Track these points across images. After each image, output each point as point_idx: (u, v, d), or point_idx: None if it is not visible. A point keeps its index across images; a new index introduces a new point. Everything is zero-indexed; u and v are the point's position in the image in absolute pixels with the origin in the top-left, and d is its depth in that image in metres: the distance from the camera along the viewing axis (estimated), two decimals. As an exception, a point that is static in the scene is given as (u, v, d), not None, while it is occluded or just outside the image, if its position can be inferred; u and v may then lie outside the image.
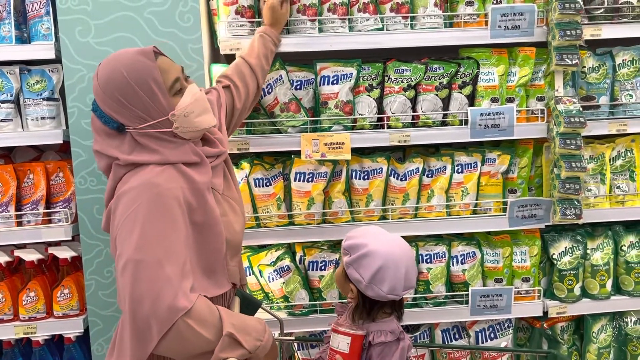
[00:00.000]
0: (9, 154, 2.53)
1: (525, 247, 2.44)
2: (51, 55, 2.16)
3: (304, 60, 2.35)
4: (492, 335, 2.46)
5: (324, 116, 2.27)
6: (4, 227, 2.23)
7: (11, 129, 2.23)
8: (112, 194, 1.48)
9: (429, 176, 2.38)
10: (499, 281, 2.40)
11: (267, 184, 2.28)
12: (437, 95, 2.31)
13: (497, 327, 2.46)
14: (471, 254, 2.39)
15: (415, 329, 2.47)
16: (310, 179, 2.28)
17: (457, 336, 2.47)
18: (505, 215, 2.35)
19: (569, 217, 2.30)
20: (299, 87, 2.31)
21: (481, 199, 2.40)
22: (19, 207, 2.28)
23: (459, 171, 2.38)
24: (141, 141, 1.47)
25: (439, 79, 2.30)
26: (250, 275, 2.35)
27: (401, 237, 1.61)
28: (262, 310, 1.76)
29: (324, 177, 2.29)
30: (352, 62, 2.27)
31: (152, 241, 1.33)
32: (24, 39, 2.25)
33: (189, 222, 1.43)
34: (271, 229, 2.29)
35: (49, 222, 2.26)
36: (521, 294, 2.40)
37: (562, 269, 2.42)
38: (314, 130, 2.28)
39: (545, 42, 2.32)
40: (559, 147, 2.27)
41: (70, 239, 2.25)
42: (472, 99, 2.35)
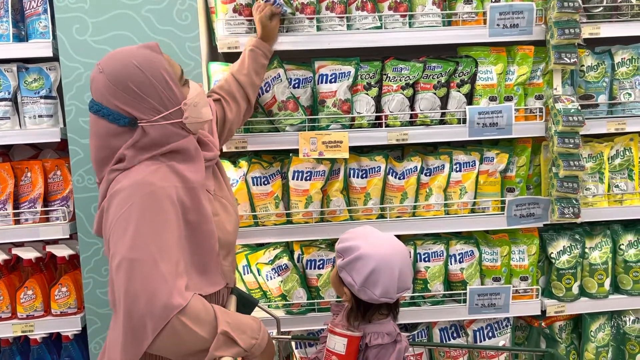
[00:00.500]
0: (6, 152, 2.53)
1: (523, 246, 2.43)
2: (49, 53, 2.16)
3: (302, 58, 2.34)
4: (490, 334, 2.46)
5: (322, 115, 2.27)
6: (1, 225, 2.23)
7: (9, 127, 2.23)
8: (105, 195, 1.47)
9: (427, 175, 2.37)
10: (497, 280, 2.40)
11: (265, 183, 2.28)
12: (435, 93, 2.31)
13: (495, 325, 2.46)
14: (469, 253, 2.39)
15: (413, 327, 2.47)
16: (308, 178, 2.27)
17: (455, 335, 2.47)
18: (503, 214, 2.35)
19: (567, 216, 2.29)
20: (297, 85, 2.31)
21: (479, 198, 2.40)
22: (16, 205, 2.28)
23: (457, 170, 2.38)
24: (152, 134, 1.45)
25: (437, 78, 2.30)
26: (248, 273, 2.34)
27: (395, 237, 1.60)
28: (259, 308, 1.76)
29: (322, 175, 2.28)
30: (350, 60, 2.27)
31: (146, 240, 1.32)
32: (22, 36, 2.25)
33: (182, 220, 1.43)
34: (269, 227, 2.29)
35: (47, 220, 2.26)
36: (519, 293, 2.40)
37: (560, 268, 2.42)
38: (312, 128, 2.27)
39: (543, 40, 2.32)
40: (558, 145, 2.27)
41: (68, 237, 2.24)
42: (470, 98, 2.35)
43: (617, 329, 2.53)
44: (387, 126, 2.29)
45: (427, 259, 2.37)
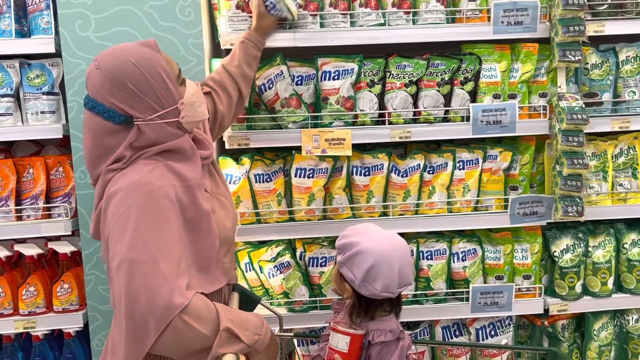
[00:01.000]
0: (8, 148, 2.52)
1: (526, 245, 2.43)
2: (51, 49, 2.15)
3: (305, 55, 2.33)
4: (493, 332, 2.45)
5: (325, 112, 2.26)
6: (3, 221, 2.23)
7: (11, 123, 2.23)
8: (101, 196, 1.45)
9: (430, 172, 2.37)
10: (499, 278, 2.39)
11: (268, 180, 2.27)
12: (438, 91, 2.30)
13: (498, 324, 2.45)
14: (472, 251, 2.38)
15: (415, 325, 2.46)
16: (310, 175, 2.27)
17: (457, 333, 2.46)
18: (506, 212, 2.34)
19: (571, 214, 2.29)
20: (300, 82, 2.30)
21: (482, 196, 2.39)
22: (18, 202, 2.27)
23: (461, 168, 2.37)
24: (148, 133, 1.44)
25: (441, 75, 2.29)
26: (250, 271, 2.34)
27: (396, 233, 1.60)
28: (261, 306, 1.75)
29: (324, 173, 2.28)
30: (354, 57, 2.26)
31: (146, 240, 1.31)
32: (24, 32, 2.24)
33: (181, 219, 1.42)
34: (271, 224, 2.28)
35: (49, 216, 2.26)
36: (522, 292, 2.39)
37: (563, 267, 2.41)
38: (314, 125, 2.27)
39: (548, 38, 2.31)
40: (561, 144, 2.26)
41: (70, 233, 2.24)
42: (474, 95, 2.34)
43: (620, 327, 2.53)
44: (390, 124, 2.29)
45: (429, 257, 2.36)
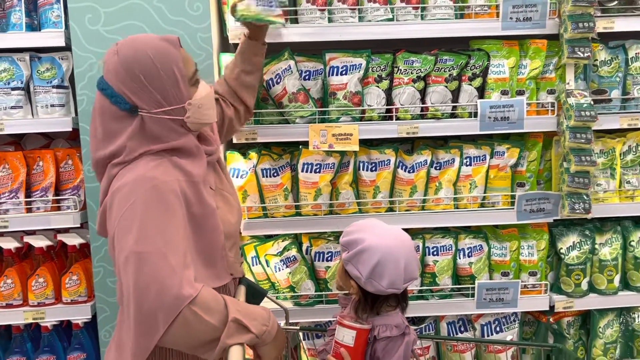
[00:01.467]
0: (19, 141, 2.55)
1: (532, 241, 2.42)
2: (61, 42, 2.17)
3: (313, 50, 2.34)
4: (498, 328, 2.46)
5: (333, 107, 2.26)
6: (13, 213, 2.25)
7: (21, 116, 2.25)
8: (106, 192, 1.46)
9: (437, 168, 2.37)
10: (505, 275, 2.39)
11: (275, 174, 2.28)
12: (446, 87, 2.29)
13: (503, 320, 2.46)
14: (478, 247, 2.38)
15: (420, 321, 2.47)
16: (317, 170, 2.27)
17: (462, 329, 2.47)
18: (513, 208, 2.34)
19: (578, 211, 2.28)
20: (307, 77, 2.30)
21: (489, 192, 2.39)
22: (28, 194, 2.30)
23: (468, 164, 2.37)
24: (150, 126, 1.45)
25: (449, 71, 2.29)
26: (256, 264, 2.35)
27: (401, 229, 1.59)
28: (267, 299, 1.76)
29: (331, 168, 2.28)
30: (362, 52, 2.26)
31: (152, 233, 1.33)
32: (34, 26, 2.26)
33: (187, 214, 1.43)
34: (278, 219, 2.30)
35: (58, 209, 2.28)
36: (528, 288, 2.39)
37: (569, 264, 2.41)
38: (322, 121, 2.27)
39: (557, 34, 2.30)
40: (569, 140, 2.26)
41: (78, 226, 2.27)
42: (481, 91, 2.33)
43: (626, 325, 2.52)
44: (398, 119, 2.29)
45: (435, 253, 2.37)
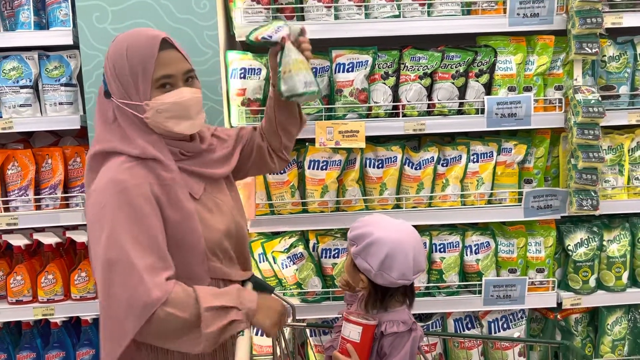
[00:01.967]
0: (27, 138, 2.57)
1: (540, 238, 2.42)
2: (69, 41, 2.18)
3: (320, 47, 2.34)
4: (505, 325, 2.45)
5: (339, 104, 2.26)
6: (23, 210, 2.27)
7: (30, 114, 2.26)
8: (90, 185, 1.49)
9: (444, 165, 2.36)
10: (513, 271, 2.39)
11: (282, 171, 2.29)
12: (453, 83, 2.29)
13: (510, 317, 2.45)
14: (485, 244, 2.38)
15: (427, 318, 2.47)
16: (324, 167, 2.28)
17: (469, 326, 2.47)
18: (520, 205, 2.33)
19: (586, 208, 2.27)
20: (314, 74, 2.30)
21: (496, 189, 2.39)
22: (37, 191, 2.32)
23: (475, 160, 2.36)
24: (119, 115, 1.48)
25: (456, 67, 2.28)
26: (264, 261, 2.36)
27: (406, 222, 1.61)
28: (275, 296, 1.77)
29: (338, 165, 2.29)
30: (368, 49, 2.26)
31: (122, 239, 1.33)
32: (43, 24, 2.27)
33: (160, 216, 1.41)
34: (285, 216, 2.30)
35: (67, 206, 2.30)
36: (535, 285, 2.39)
37: (577, 261, 2.40)
38: (328, 118, 2.27)
39: (564, 30, 2.29)
40: (577, 137, 2.24)
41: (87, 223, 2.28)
42: (489, 88, 2.33)
43: (634, 322, 2.51)
44: (404, 116, 2.29)
45: (442, 250, 2.36)
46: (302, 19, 2.26)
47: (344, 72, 2.26)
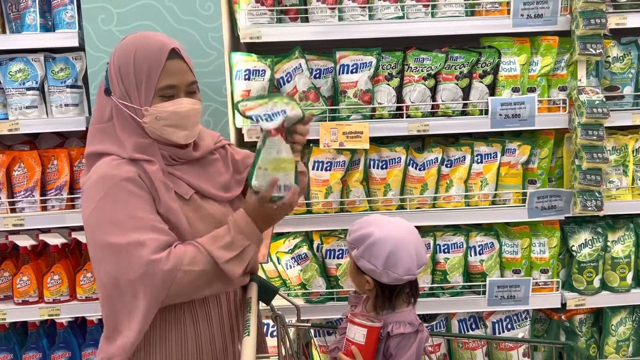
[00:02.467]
0: (33, 140, 2.58)
1: (544, 239, 2.42)
2: (75, 43, 2.19)
3: (324, 48, 2.35)
4: (509, 326, 2.45)
5: (343, 105, 2.27)
6: (29, 211, 2.29)
7: (36, 115, 2.28)
8: None
9: (448, 166, 2.37)
10: (517, 272, 2.39)
11: (286, 172, 2.29)
12: (457, 84, 2.29)
13: (515, 318, 2.45)
14: (489, 245, 2.38)
15: (431, 318, 2.47)
16: (328, 168, 2.28)
17: (473, 326, 2.47)
18: (524, 206, 2.33)
19: (590, 208, 2.27)
20: (318, 75, 2.31)
21: (500, 190, 2.39)
22: (43, 192, 2.33)
23: (479, 161, 2.37)
24: (115, 113, 1.49)
25: (460, 68, 2.29)
26: (268, 262, 2.37)
27: (402, 219, 1.62)
28: (279, 296, 1.78)
29: (342, 166, 2.29)
30: (372, 50, 2.27)
31: (123, 224, 1.36)
32: (49, 27, 2.29)
33: (154, 202, 1.44)
34: (289, 217, 2.30)
35: (73, 207, 2.31)
36: (539, 286, 2.39)
37: (581, 261, 2.40)
38: (332, 119, 2.28)
39: (568, 31, 2.29)
40: (581, 137, 2.24)
41: (92, 224, 2.29)
42: (492, 89, 2.33)
43: (639, 323, 2.51)
44: (408, 117, 2.29)
45: (446, 251, 2.37)
46: (306, 20, 2.27)
47: (348, 73, 2.27)
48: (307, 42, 2.23)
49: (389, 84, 2.29)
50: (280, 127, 1.41)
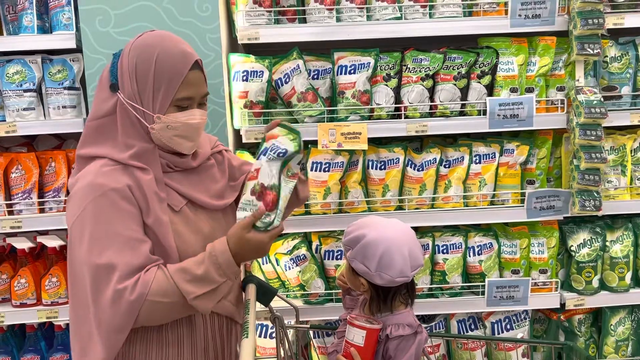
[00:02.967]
0: (31, 142, 2.58)
1: (542, 239, 2.42)
2: (72, 44, 2.19)
3: (322, 49, 2.34)
4: (508, 326, 2.45)
5: (341, 106, 2.27)
6: (27, 214, 2.28)
7: (34, 117, 2.27)
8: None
9: (447, 167, 2.37)
10: (516, 272, 2.39)
11: (284, 174, 2.29)
12: (455, 85, 2.29)
13: (514, 318, 2.45)
14: (488, 245, 2.38)
15: (430, 319, 2.47)
16: (326, 169, 2.28)
17: (472, 327, 2.47)
18: (523, 206, 2.33)
19: (588, 208, 2.27)
20: (316, 76, 2.31)
21: (499, 190, 2.39)
22: (41, 194, 2.32)
23: (477, 162, 2.37)
24: (119, 112, 1.43)
25: (458, 69, 2.29)
26: (266, 263, 2.37)
27: (398, 220, 1.61)
28: (278, 297, 1.77)
29: (340, 166, 2.29)
30: (370, 51, 2.27)
31: (104, 242, 1.33)
32: (46, 28, 2.28)
33: (141, 219, 1.40)
34: (288, 217, 2.30)
35: (71, 209, 2.30)
36: (538, 286, 2.39)
37: (580, 261, 2.40)
38: (330, 120, 2.28)
39: (566, 31, 2.29)
40: (579, 138, 2.25)
41: (91, 226, 2.28)
42: (490, 89, 2.33)
43: (638, 322, 2.51)
44: (407, 117, 2.29)
45: (445, 251, 2.37)
46: (304, 21, 2.27)
47: (346, 74, 2.26)
48: (305, 43, 2.23)
49: (387, 85, 2.29)
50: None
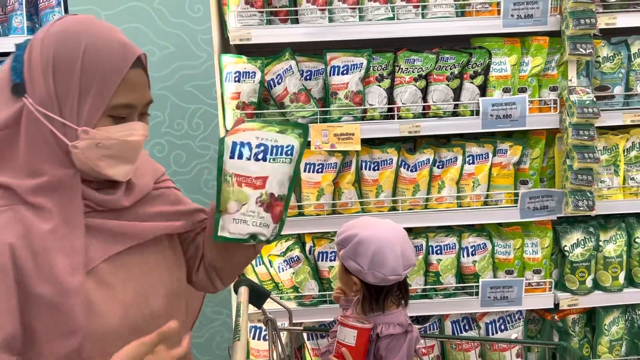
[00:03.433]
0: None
1: (536, 239, 2.42)
2: (62, 46, 2.17)
3: (314, 50, 2.34)
4: (503, 326, 2.45)
5: (334, 107, 2.26)
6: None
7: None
8: None
9: (440, 167, 2.36)
10: (509, 273, 2.39)
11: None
12: (448, 85, 2.29)
13: (508, 318, 2.45)
14: (482, 246, 2.38)
15: (424, 320, 2.47)
16: (319, 170, 2.28)
17: (467, 327, 2.46)
18: (516, 206, 2.33)
19: (582, 208, 2.27)
20: (308, 77, 2.30)
21: (492, 190, 2.39)
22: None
23: (470, 162, 2.36)
24: (24, 122, 1.04)
25: (450, 69, 2.28)
26: (260, 265, 2.36)
27: (391, 220, 1.62)
28: (271, 300, 1.77)
29: (333, 167, 2.28)
30: (363, 52, 2.26)
31: None
32: (36, 29, 2.26)
33: (19, 291, 0.99)
34: (281, 219, 2.29)
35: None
36: (532, 286, 2.39)
37: (574, 261, 2.40)
38: (323, 120, 2.27)
39: (558, 31, 2.29)
40: (572, 138, 2.25)
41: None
42: (483, 89, 2.33)
43: (632, 322, 2.51)
44: (400, 118, 2.28)
45: (439, 252, 2.36)
46: (296, 21, 2.26)
47: (338, 74, 2.26)
48: (298, 44, 2.23)
49: (380, 85, 2.28)
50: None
